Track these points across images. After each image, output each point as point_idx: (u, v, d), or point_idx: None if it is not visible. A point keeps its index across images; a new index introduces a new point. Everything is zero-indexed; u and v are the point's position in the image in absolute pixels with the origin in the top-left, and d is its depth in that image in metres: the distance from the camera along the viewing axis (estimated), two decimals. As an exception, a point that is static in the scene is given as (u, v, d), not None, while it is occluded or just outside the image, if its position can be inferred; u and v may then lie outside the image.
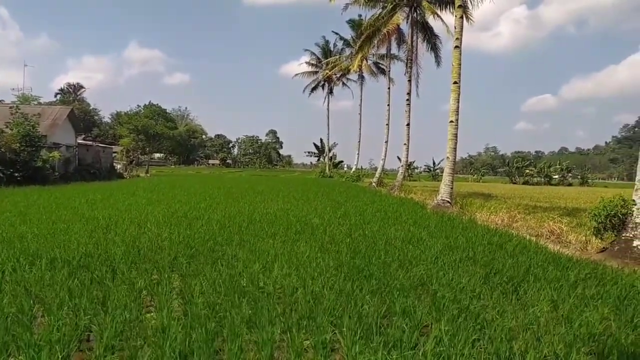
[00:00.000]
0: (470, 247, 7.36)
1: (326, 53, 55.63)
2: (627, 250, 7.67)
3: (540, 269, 5.98)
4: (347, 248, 6.90)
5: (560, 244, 8.97)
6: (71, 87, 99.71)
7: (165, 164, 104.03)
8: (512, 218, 12.11)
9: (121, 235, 7.41)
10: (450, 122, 15.80)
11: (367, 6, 28.88)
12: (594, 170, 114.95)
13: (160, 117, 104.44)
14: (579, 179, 71.42)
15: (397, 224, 10.07)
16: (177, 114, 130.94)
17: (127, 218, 9.64)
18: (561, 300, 4.67)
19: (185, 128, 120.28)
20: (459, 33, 15.96)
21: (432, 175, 72.24)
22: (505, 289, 4.99)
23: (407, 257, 6.38)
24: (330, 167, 63.82)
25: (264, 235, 7.90)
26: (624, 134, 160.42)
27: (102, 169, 33.60)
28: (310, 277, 5.08)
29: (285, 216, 10.73)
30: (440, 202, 15.52)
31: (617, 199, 8.41)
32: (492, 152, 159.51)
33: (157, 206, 12.34)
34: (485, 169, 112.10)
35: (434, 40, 28.42)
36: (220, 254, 6.23)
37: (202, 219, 9.71)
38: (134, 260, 5.73)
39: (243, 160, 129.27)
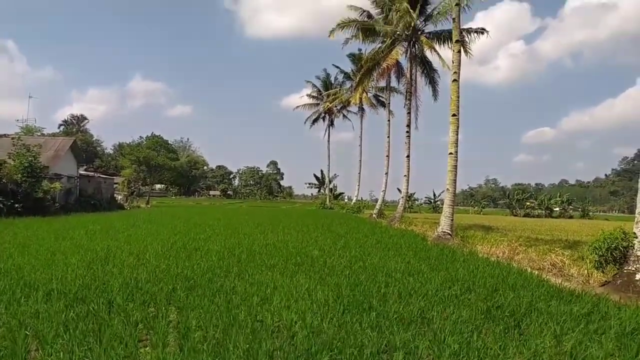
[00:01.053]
0: (472, 280, 7.29)
1: (327, 85, 56.47)
2: (630, 284, 7.58)
3: (542, 302, 5.90)
4: (346, 280, 6.83)
5: (562, 277, 8.87)
6: (75, 119, 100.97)
7: (166, 194, 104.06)
8: (513, 251, 12.02)
9: (119, 267, 7.36)
10: (450, 154, 15.89)
11: (367, 41, 29.51)
12: (594, 203, 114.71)
13: (162, 148, 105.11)
14: (580, 211, 71.22)
15: (397, 256, 9.99)
16: (178, 145, 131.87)
17: (126, 249, 9.59)
18: (564, 334, 4.59)
19: (187, 159, 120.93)
20: (456, 67, 16.26)
21: (432, 207, 72.14)
22: (507, 323, 4.91)
23: (408, 290, 6.31)
24: (331, 198, 63.81)
25: (263, 267, 7.84)
26: (623, 167, 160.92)
27: (102, 199, 33.60)
28: (309, 310, 5.01)
29: (284, 248, 10.67)
30: (440, 234, 15.44)
31: (617, 231, 8.37)
32: (492, 184, 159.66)
33: (156, 237, 12.29)
34: (485, 201, 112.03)
35: (432, 74, 28.90)
36: (218, 286, 6.17)
37: (201, 251, 9.66)
38: (131, 293, 5.66)
39: (244, 192, 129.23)
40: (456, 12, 16.77)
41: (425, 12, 27.27)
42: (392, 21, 26.92)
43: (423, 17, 27.38)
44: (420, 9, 26.68)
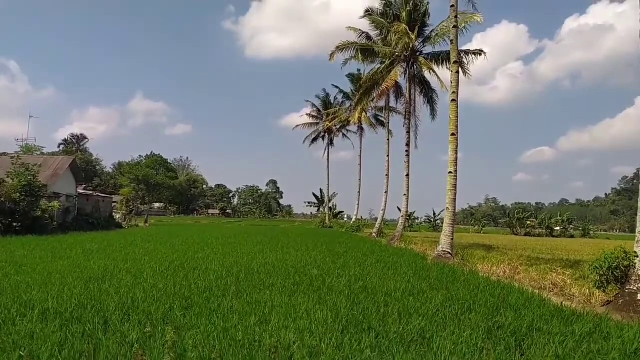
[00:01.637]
0: (472, 299, 7.21)
1: (326, 105, 56.87)
2: (632, 303, 7.50)
3: (544, 322, 5.83)
4: (346, 300, 6.76)
5: (563, 297, 8.80)
6: (74, 138, 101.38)
7: (165, 213, 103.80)
8: (514, 270, 11.94)
9: (116, 286, 7.29)
10: (449, 173, 15.92)
11: (366, 61, 29.84)
12: (595, 222, 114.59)
13: (161, 167, 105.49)
14: (581, 230, 70.95)
15: (397, 275, 9.92)
16: (178, 164, 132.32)
17: (123, 268, 9.51)
18: (566, 355, 4.53)
19: (186, 178, 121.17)
20: (455, 87, 16.40)
21: (432, 226, 71.87)
22: (508, 344, 4.84)
23: (408, 310, 6.24)
24: (330, 217, 63.65)
25: (261, 287, 7.77)
26: (623, 186, 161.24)
27: (101, 218, 33.48)
28: (308, 330, 4.95)
29: (283, 267, 10.60)
30: (441, 253, 15.35)
31: (618, 251, 8.31)
32: (492, 203, 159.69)
33: (154, 256, 12.21)
34: (486, 220, 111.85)
35: (430, 94, 29.15)
36: (216, 306, 6.10)
37: (200, 270, 9.58)
38: (128, 312, 5.59)
39: (243, 210, 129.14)
40: (454, 34, 17.00)
41: (423, 33, 27.69)
42: (390, 42, 27.28)
43: (421, 39, 27.79)
44: (419, 31, 27.09)
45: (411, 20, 26.71)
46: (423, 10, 27.19)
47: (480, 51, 24.91)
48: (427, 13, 27.42)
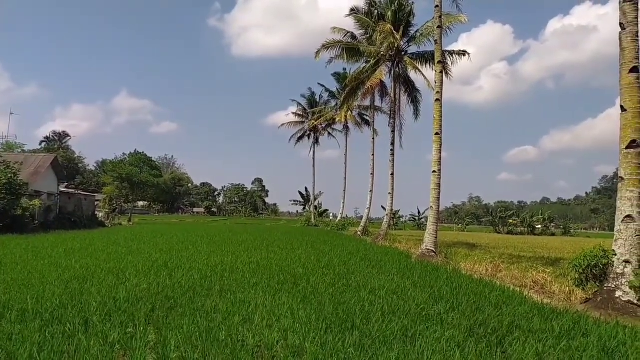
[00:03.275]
0: (455, 297, 7.29)
1: (312, 104, 56.83)
2: (610, 301, 7.66)
3: (524, 320, 5.92)
4: (330, 298, 6.78)
5: (544, 295, 8.94)
6: (57, 135, 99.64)
7: (149, 212, 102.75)
8: (496, 268, 12.09)
9: (97, 286, 7.20)
10: (433, 172, 16.05)
11: (351, 61, 29.88)
12: (575, 221, 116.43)
13: (145, 165, 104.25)
14: (562, 229, 72.13)
15: (381, 273, 9.97)
16: (163, 162, 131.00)
17: (106, 268, 9.41)
18: (546, 352, 4.61)
19: (171, 176, 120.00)
20: (439, 87, 16.53)
21: (417, 224, 72.42)
22: (490, 342, 4.91)
23: (391, 308, 6.28)
24: (316, 215, 63.66)
25: (245, 286, 7.75)
26: (603, 185, 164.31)
27: (83, 217, 33.00)
28: (292, 330, 4.95)
29: (268, 265, 10.58)
30: (425, 251, 15.48)
31: (597, 249, 8.48)
32: (476, 201, 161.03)
33: (137, 255, 12.09)
34: (469, 218, 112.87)
35: (414, 94, 29.32)
36: (199, 305, 6.07)
37: (183, 269, 9.51)
38: (109, 312, 5.54)
39: (228, 209, 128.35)
40: (438, 34, 17.13)
41: (408, 33, 27.83)
42: (375, 42, 27.35)
43: (406, 39, 27.93)
44: (404, 31, 27.23)
45: (396, 20, 26.83)
46: (408, 10, 27.32)
47: (464, 52, 25.16)
48: (412, 13, 27.55)
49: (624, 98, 8.13)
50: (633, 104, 8.02)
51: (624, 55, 8.17)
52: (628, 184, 7.98)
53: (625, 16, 8.17)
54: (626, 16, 8.16)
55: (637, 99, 8.02)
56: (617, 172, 8.49)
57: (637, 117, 8.00)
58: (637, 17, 8.13)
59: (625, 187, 8.00)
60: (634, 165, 7.98)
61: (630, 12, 8.12)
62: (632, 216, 7.89)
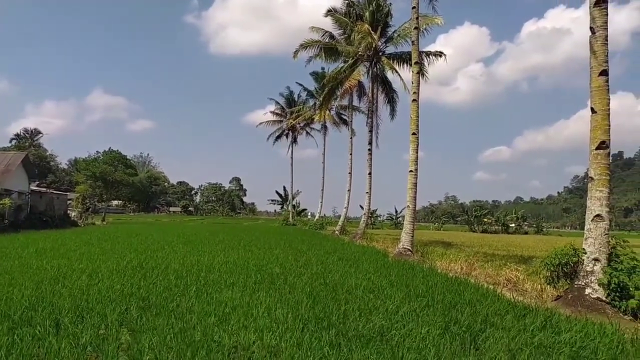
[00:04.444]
0: (430, 295, 7.38)
1: (290, 103, 56.67)
2: (580, 298, 7.87)
3: (497, 317, 6.03)
4: (307, 298, 6.77)
5: (517, 292, 9.12)
6: (28, 133, 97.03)
7: (124, 211, 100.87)
8: (470, 266, 12.28)
9: (69, 287, 7.03)
10: (410, 171, 16.20)
11: (329, 60, 29.93)
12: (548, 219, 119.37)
13: (119, 164, 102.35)
14: (535, 227, 73.84)
15: (358, 272, 10.02)
16: (138, 161, 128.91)
17: (78, 268, 9.20)
18: (518, 350, 4.70)
19: (147, 175, 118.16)
20: (416, 87, 16.69)
21: (394, 223, 73.06)
22: (463, 339, 4.98)
23: (368, 307, 6.32)
24: (294, 215, 63.59)
25: (222, 286, 7.68)
26: (574, 185, 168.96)
27: (55, 216, 32.23)
28: (268, 329, 4.93)
29: (245, 265, 10.51)
30: (401, 250, 15.62)
31: (568, 247, 8.70)
32: (452, 201, 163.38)
33: (111, 256, 11.86)
34: (445, 217, 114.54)
35: (391, 94, 29.55)
36: (174, 306, 5.99)
37: (159, 269, 9.37)
38: (81, 314, 5.42)
39: (205, 208, 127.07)
40: (415, 35, 17.29)
41: (386, 34, 28.03)
42: (354, 42, 27.47)
43: (384, 39, 28.13)
44: (382, 31, 27.41)
45: (374, 20, 26.98)
46: (386, 11, 27.52)
47: (441, 53, 25.48)
48: (389, 14, 27.77)
49: (594, 100, 8.35)
50: (602, 106, 8.24)
51: (593, 58, 8.39)
52: (598, 184, 8.20)
53: (594, 21, 8.39)
54: (595, 21, 8.38)
55: (606, 102, 8.25)
56: (587, 173, 8.71)
57: (607, 119, 8.23)
58: (606, 21, 8.35)
59: (595, 187, 8.22)
60: (603, 165, 8.20)
61: (600, 17, 8.34)
62: (601, 215, 8.11)
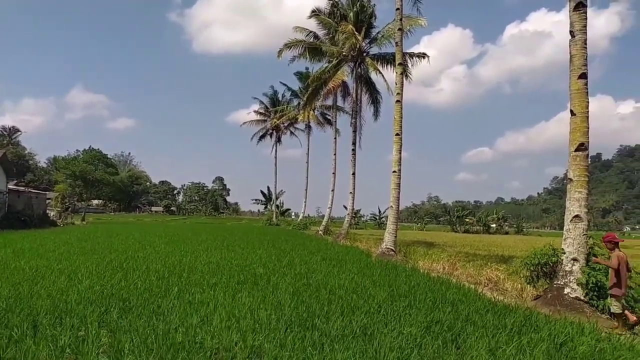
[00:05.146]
0: (413, 295, 7.43)
1: (274, 102, 56.43)
2: (559, 297, 8.01)
3: (478, 316, 6.10)
4: (290, 298, 6.76)
5: (497, 292, 9.24)
6: (6, 130, 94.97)
7: (104, 210, 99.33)
8: (452, 266, 12.41)
9: (48, 288, 6.90)
10: (394, 172, 16.30)
11: (314, 60, 29.91)
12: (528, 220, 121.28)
13: (100, 163, 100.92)
14: (515, 228, 74.97)
15: (341, 272, 10.03)
16: (119, 159, 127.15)
17: (57, 269, 9.03)
18: (499, 348, 4.76)
19: (128, 174, 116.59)
20: (399, 88, 16.80)
21: (378, 223, 73.41)
22: (445, 338, 5.03)
23: (351, 307, 6.34)
24: (278, 214, 63.40)
25: (204, 286, 7.62)
26: (554, 185, 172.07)
27: (34, 216, 31.60)
28: (251, 330, 4.91)
29: (228, 265, 10.45)
30: (384, 250, 15.70)
31: (547, 248, 8.85)
32: (434, 201, 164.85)
33: (91, 256, 11.67)
34: (428, 217, 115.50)
35: (375, 95, 29.67)
36: (156, 307, 5.92)
37: (140, 270, 9.25)
38: (60, 315, 5.32)
39: (188, 208, 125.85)
40: (399, 36, 17.40)
41: (370, 34, 28.14)
42: (338, 42, 27.51)
43: (368, 40, 28.23)
44: (366, 32, 27.51)
45: (358, 21, 27.06)
46: (370, 11, 27.63)
47: (424, 54, 25.67)
48: (373, 15, 27.89)
49: (573, 103, 8.51)
50: (581, 109, 8.40)
51: (573, 62, 8.54)
52: (576, 185, 8.35)
53: (573, 25, 8.55)
54: (574, 25, 8.54)
55: (585, 104, 8.41)
56: (567, 174, 8.86)
57: (585, 121, 8.39)
58: (585, 25, 8.52)
59: (574, 188, 8.37)
60: (582, 167, 8.36)
61: (578, 21, 8.50)
62: (580, 216, 8.27)
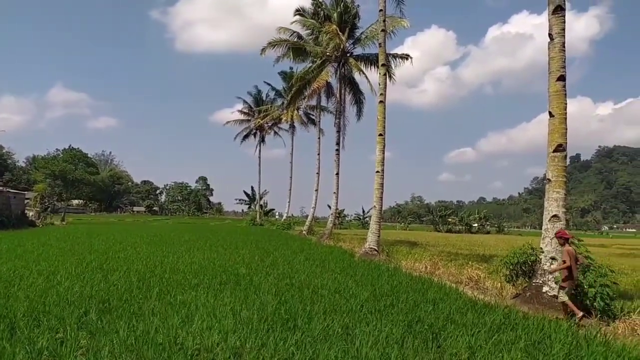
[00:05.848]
0: (395, 294, 7.49)
1: (258, 102, 56.20)
2: (538, 296, 8.15)
3: (459, 315, 6.18)
4: (272, 298, 6.76)
5: (478, 290, 9.37)
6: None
7: (85, 211, 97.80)
8: (434, 265, 12.52)
9: (25, 290, 6.78)
10: (377, 172, 16.38)
11: (298, 60, 29.86)
12: (509, 219, 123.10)
13: (80, 162, 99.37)
14: (496, 227, 75.96)
15: (324, 272, 10.06)
16: (99, 159, 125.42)
17: (35, 270, 8.87)
18: (478, 346, 4.83)
19: (109, 173, 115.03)
20: (383, 89, 16.89)
21: (361, 223, 73.63)
22: (426, 337, 5.08)
23: (333, 307, 6.36)
24: (261, 214, 63.18)
25: (186, 287, 7.57)
26: (534, 186, 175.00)
27: (11, 216, 30.95)
28: (233, 331, 4.90)
29: (210, 266, 10.39)
30: (368, 250, 15.77)
31: (526, 247, 9.00)
32: (418, 201, 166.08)
33: (70, 257, 11.49)
34: (411, 217, 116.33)
35: (358, 95, 29.78)
36: (136, 308, 5.86)
37: (120, 271, 9.14)
38: (38, 317, 5.23)
39: (171, 208, 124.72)
40: (382, 37, 17.49)
41: (354, 35, 28.23)
42: (322, 43, 27.53)
43: (352, 40, 28.31)
44: (349, 32, 27.59)
45: (342, 21, 27.12)
46: (353, 12, 27.70)
47: (407, 55, 25.87)
48: (357, 15, 27.97)
49: (552, 105, 8.66)
50: (560, 110, 8.56)
51: (552, 64, 8.70)
52: (555, 185, 8.51)
53: (552, 28, 8.71)
54: (553, 28, 8.70)
55: (563, 106, 8.57)
56: (545, 174, 9.01)
57: (564, 123, 8.55)
58: (564, 29, 8.68)
59: (552, 188, 8.53)
60: (560, 167, 8.52)
61: (557, 24, 8.66)
62: (558, 215, 8.42)
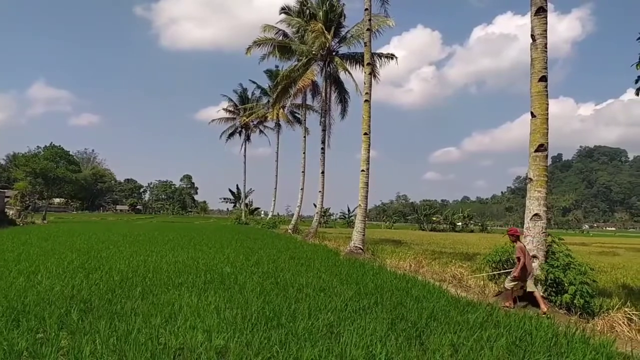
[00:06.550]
0: (379, 293, 7.53)
1: (244, 100, 55.94)
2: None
3: (442, 313, 6.24)
4: (257, 297, 6.75)
5: (461, 288, 9.47)
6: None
7: (67, 209, 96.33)
8: (418, 264, 12.62)
9: (5, 290, 6.66)
10: (362, 171, 16.44)
11: (283, 58, 29.81)
12: (492, 218, 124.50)
13: (62, 160, 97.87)
14: (480, 226, 76.82)
15: (309, 271, 10.07)
16: (82, 157, 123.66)
17: (15, 269, 8.73)
18: (461, 343, 4.88)
19: (91, 171, 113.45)
20: (368, 88, 16.95)
21: (347, 221, 73.84)
22: (409, 334, 5.12)
23: (318, 305, 6.37)
24: (247, 213, 62.96)
25: (170, 286, 7.51)
26: (517, 185, 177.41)
27: (-10, 215, 30.36)
28: (217, 330, 4.87)
29: (194, 265, 10.33)
30: (353, 248, 15.82)
31: (508, 245, 9.12)
32: (402, 200, 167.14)
33: (51, 256, 11.31)
34: (396, 216, 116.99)
35: (343, 94, 29.83)
36: (118, 308, 5.80)
37: (102, 270, 9.03)
38: (17, 318, 5.14)
39: (155, 206, 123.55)
40: (367, 36, 17.54)
41: (339, 34, 28.26)
42: (307, 41, 27.51)
43: (337, 39, 28.34)
44: (335, 31, 27.61)
45: (327, 20, 27.13)
46: (339, 11, 27.73)
47: (392, 55, 25.99)
48: (342, 14, 28.00)
49: (533, 105, 8.78)
50: (541, 111, 8.69)
51: (534, 65, 8.82)
52: (536, 185, 8.63)
53: (534, 29, 8.83)
54: (535, 29, 8.82)
55: (545, 106, 8.70)
56: (527, 173, 9.13)
57: (545, 123, 8.68)
58: (546, 30, 8.81)
59: (534, 187, 8.65)
60: (541, 167, 8.65)
61: (540, 26, 8.79)
62: (539, 214, 8.55)
